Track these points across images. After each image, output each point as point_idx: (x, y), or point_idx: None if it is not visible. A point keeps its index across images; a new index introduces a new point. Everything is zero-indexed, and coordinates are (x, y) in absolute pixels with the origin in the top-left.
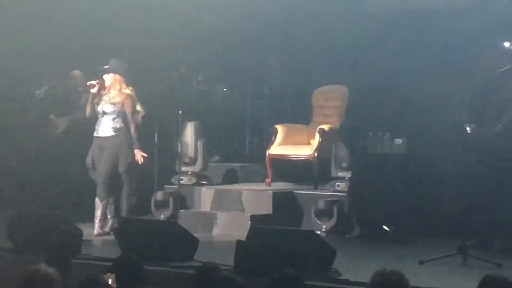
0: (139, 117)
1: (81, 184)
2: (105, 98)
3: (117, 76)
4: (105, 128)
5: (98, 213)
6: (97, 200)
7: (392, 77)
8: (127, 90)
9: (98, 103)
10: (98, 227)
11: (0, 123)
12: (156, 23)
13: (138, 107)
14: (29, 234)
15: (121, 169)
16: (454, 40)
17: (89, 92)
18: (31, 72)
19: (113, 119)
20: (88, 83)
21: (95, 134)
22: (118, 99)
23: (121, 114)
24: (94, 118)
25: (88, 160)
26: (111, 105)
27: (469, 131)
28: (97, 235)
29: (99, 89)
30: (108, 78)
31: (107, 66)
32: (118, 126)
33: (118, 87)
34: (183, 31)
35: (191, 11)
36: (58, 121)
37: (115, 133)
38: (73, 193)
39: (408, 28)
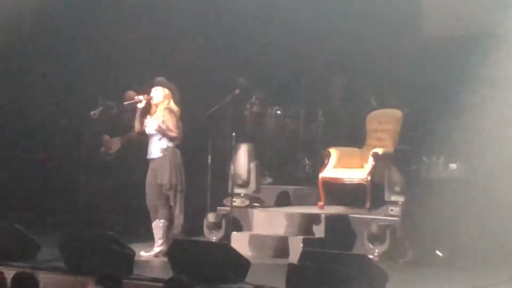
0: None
1: (134, 205)
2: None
3: (167, 91)
4: (154, 149)
5: (154, 234)
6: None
7: (447, 101)
8: (173, 106)
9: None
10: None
11: (55, 144)
12: (210, 44)
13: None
14: (82, 255)
15: (166, 188)
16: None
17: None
18: (87, 92)
19: (159, 139)
20: (136, 97)
21: (147, 157)
22: (161, 117)
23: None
24: (147, 138)
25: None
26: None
27: None
28: (154, 255)
29: (147, 105)
30: (157, 93)
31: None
32: (164, 146)
33: (166, 103)
34: (237, 52)
35: (245, 33)
36: (112, 141)
37: (162, 154)
38: (126, 213)
39: (464, 53)
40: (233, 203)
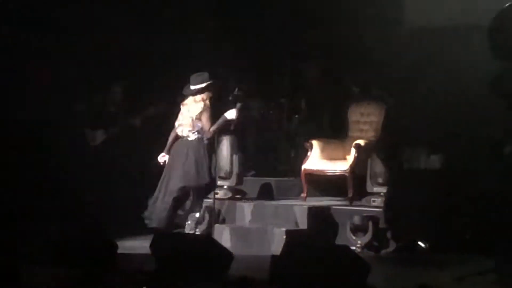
0: None
1: (122, 197)
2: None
3: None
4: None
5: None
6: None
7: (428, 93)
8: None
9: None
10: None
11: (42, 136)
12: (192, 34)
13: None
14: (65, 247)
15: None
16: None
17: None
18: (71, 85)
19: None
20: None
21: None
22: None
23: None
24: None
25: None
26: None
27: (505, 146)
28: None
29: None
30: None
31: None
32: None
33: None
34: (220, 43)
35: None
36: (95, 134)
37: None
38: (114, 206)
39: (446, 44)
40: (216, 196)
